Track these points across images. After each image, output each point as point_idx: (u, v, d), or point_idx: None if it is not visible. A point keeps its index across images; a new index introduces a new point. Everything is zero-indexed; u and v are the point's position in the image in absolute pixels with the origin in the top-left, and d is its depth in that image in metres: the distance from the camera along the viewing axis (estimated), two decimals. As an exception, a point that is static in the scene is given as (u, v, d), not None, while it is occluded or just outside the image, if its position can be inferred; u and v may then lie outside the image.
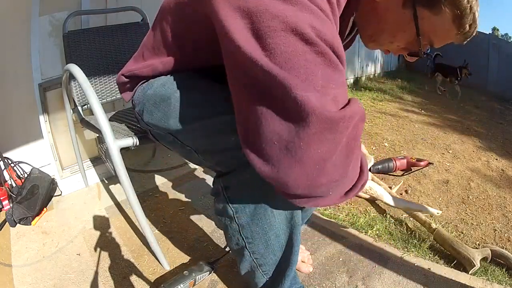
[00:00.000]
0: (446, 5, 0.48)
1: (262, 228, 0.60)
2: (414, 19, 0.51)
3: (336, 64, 0.40)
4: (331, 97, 0.40)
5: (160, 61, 0.64)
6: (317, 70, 0.39)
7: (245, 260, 0.66)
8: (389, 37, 0.57)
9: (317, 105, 0.38)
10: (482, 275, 0.96)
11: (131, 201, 0.90)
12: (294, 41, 0.38)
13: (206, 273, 0.93)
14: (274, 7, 0.38)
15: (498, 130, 2.90)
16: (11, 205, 1.26)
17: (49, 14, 1.34)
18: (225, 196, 0.59)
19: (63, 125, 1.45)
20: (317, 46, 0.38)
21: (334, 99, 0.40)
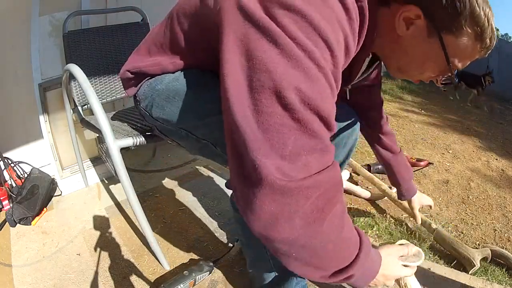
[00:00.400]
0: (467, 25, 0.48)
1: None
2: (442, 47, 0.50)
3: (315, 131, 0.39)
4: (301, 164, 0.39)
5: (171, 61, 0.63)
6: (290, 136, 0.38)
7: (257, 252, 0.67)
8: (418, 69, 0.57)
9: (270, 172, 0.37)
10: (482, 275, 0.96)
11: (131, 201, 0.90)
12: (275, 103, 0.38)
13: (206, 273, 0.93)
14: (269, 57, 0.38)
15: (498, 130, 2.90)
16: (11, 205, 1.26)
17: (49, 14, 1.34)
18: None
19: (63, 125, 1.45)
20: (296, 113, 0.38)
21: (304, 166, 0.39)
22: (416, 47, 0.53)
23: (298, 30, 0.37)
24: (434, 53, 0.52)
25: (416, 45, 0.52)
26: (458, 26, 0.48)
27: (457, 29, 0.49)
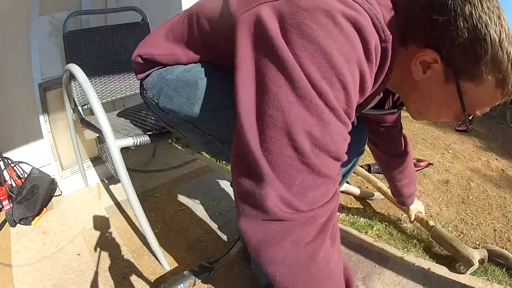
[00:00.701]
0: (488, 73, 0.45)
1: None
2: (459, 95, 0.48)
3: (323, 173, 0.40)
4: (307, 199, 0.40)
5: (185, 53, 0.63)
6: (297, 177, 0.39)
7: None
8: (435, 113, 0.55)
9: (275, 203, 0.39)
10: (482, 275, 0.96)
11: (131, 201, 0.90)
12: (286, 144, 0.38)
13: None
14: (283, 95, 0.38)
15: (498, 130, 2.90)
16: (11, 205, 1.27)
17: (49, 14, 1.34)
18: None
19: (63, 125, 1.45)
20: (305, 157, 0.38)
21: (310, 200, 0.40)
22: (432, 91, 0.51)
23: (315, 67, 0.37)
24: (451, 99, 0.49)
25: (433, 89, 0.50)
26: (478, 73, 0.45)
27: (476, 76, 0.45)
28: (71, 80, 1.19)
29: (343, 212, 1.32)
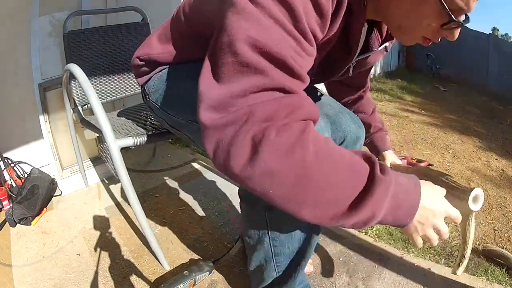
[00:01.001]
0: None
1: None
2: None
3: (264, 70, 0.39)
4: (258, 105, 0.39)
5: (179, 49, 0.65)
6: (240, 79, 0.39)
7: (261, 249, 0.65)
8: (415, 18, 0.51)
9: (208, 116, 0.41)
10: (482, 275, 0.96)
11: (131, 201, 0.90)
12: (228, 53, 0.40)
13: (206, 273, 0.93)
14: (230, 20, 0.40)
15: (498, 130, 2.90)
16: (11, 205, 1.26)
17: (49, 14, 1.34)
18: None
19: (63, 125, 1.45)
20: (244, 57, 0.39)
21: (263, 107, 0.39)
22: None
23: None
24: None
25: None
26: None
27: None
28: (71, 80, 1.19)
29: (343, 212, 1.32)
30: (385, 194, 0.41)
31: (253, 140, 0.38)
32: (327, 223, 0.41)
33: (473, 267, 1.00)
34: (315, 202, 0.40)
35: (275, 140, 0.37)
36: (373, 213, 0.41)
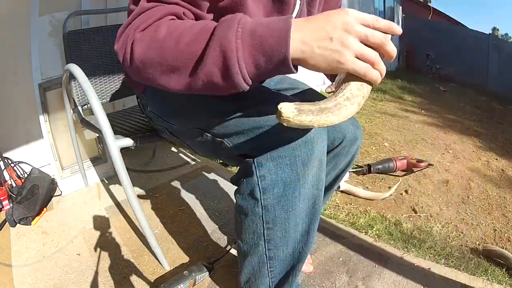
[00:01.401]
0: None
1: (285, 212, 0.58)
2: None
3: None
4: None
5: None
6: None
7: (255, 254, 0.64)
8: None
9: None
10: (482, 275, 0.96)
11: (131, 201, 0.90)
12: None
13: (206, 273, 0.93)
14: None
15: (498, 130, 2.90)
16: (11, 205, 1.26)
17: (49, 14, 1.34)
18: (257, 175, 0.56)
19: (63, 125, 1.45)
20: None
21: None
22: None
23: None
24: None
25: None
26: None
27: None
28: (71, 80, 1.19)
29: (343, 212, 1.32)
30: (228, 29, 0.40)
31: (131, 45, 0.48)
32: (198, 85, 0.44)
33: (473, 267, 1.00)
34: (177, 68, 0.44)
35: (140, 38, 0.47)
36: (223, 53, 0.40)
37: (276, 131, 0.53)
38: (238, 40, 0.39)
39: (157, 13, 0.46)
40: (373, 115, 2.95)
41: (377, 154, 1.99)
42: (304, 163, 0.54)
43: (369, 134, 2.37)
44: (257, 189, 0.57)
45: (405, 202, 1.42)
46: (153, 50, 0.45)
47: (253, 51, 0.40)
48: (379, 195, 1.42)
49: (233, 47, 0.39)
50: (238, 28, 0.40)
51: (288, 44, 0.39)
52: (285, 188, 0.56)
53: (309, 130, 0.53)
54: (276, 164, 0.54)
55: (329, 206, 1.36)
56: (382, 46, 0.42)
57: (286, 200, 0.57)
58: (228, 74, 0.41)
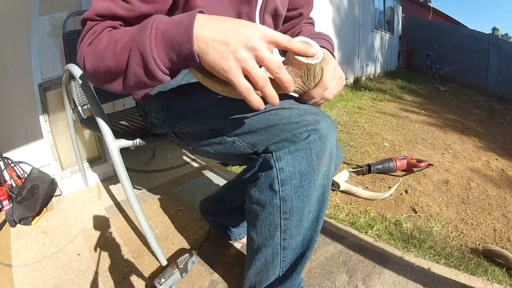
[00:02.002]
0: None
1: (301, 201, 0.61)
2: None
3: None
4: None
5: None
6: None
7: (270, 245, 0.66)
8: None
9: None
10: (482, 275, 0.96)
11: (131, 201, 0.90)
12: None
13: (186, 255, 0.95)
14: None
15: (498, 130, 2.90)
16: (11, 205, 1.27)
17: (49, 14, 1.34)
18: (277, 167, 0.58)
19: (63, 125, 1.45)
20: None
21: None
22: None
23: None
24: None
25: None
26: None
27: None
28: (71, 80, 1.19)
29: (343, 212, 1.32)
30: (143, 33, 0.45)
31: (83, 59, 0.54)
32: (131, 84, 0.50)
33: (473, 267, 1.00)
34: (116, 73, 0.50)
35: (88, 52, 0.53)
36: (139, 49, 0.45)
37: (290, 129, 0.57)
38: (152, 42, 0.44)
39: (99, 29, 0.54)
40: (373, 115, 2.95)
41: (377, 154, 1.99)
42: (318, 155, 0.57)
43: (369, 134, 2.37)
44: (276, 181, 0.59)
45: (405, 202, 1.42)
46: (98, 61, 0.51)
47: (166, 48, 0.44)
48: (379, 195, 1.42)
49: (148, 49, 0.44)
50: (151, 30, 0.45)
51: (192, 40, 0.42)
52: (301, 179, 0.59)
53: (319, 123, 0.56)
54: (293, 157, 0.57)
55: (329, 206, 1.36)
56: (274, 73, 0.43)
57: (302, 190, 0.60)
58: (150, 72, 0.46)
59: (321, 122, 0.57)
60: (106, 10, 0.54)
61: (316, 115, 0.58)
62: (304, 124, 0.56)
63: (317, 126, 0.57)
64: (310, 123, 0.57)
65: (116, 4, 0.54)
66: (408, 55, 8.25)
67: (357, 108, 3.22)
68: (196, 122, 0.67)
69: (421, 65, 7.79)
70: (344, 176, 1.55)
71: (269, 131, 0.59)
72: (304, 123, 0.57)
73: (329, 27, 4.17)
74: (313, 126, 0.57)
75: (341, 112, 3.02)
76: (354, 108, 3.21)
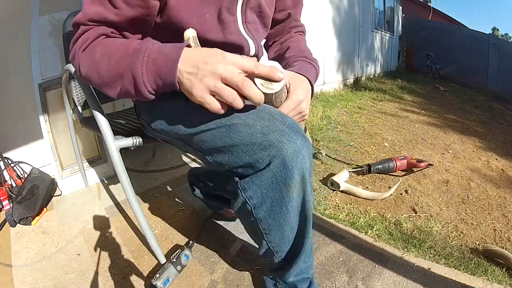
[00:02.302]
0: None
1: (278, 223, 0.62)
2: None
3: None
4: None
5: None
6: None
7: (263, 247, 0.69)
8: None
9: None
10: (482, 275, 0.96)
11: (130, 201, 0.90)
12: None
13: (178, 251, 0.95)
14: None
15: (498, 130, 2.90)
16: (11, 205, 1.27)
17: (49, 14, 1.34)
18: (244, 196, 0.60)
19: (63, 125, 1.45)
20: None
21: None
22: None
23: None
24: None
25: None
26: None
27: None
28: (70, 80, 1.19)
29: (343, 212, 1.32)
30: (136, 59, 0.53)
31: (78, 64, 0.60)
32: (123, 94, 0.57)
33: (473, 267, 1.00)
34: (109, 82, 0.57)
35: (83, 59, 0.59)
36: (132, 72, 0.53)
37: (251, 151, 0.55)
38: (143, 68, 0.53)
39: (92, 35, 0.58)
40: (373, 115, 2.95)
41: (377, 154, 1.99)
42: (285, 183, 0.56)
43: (369, 134, 2.37)
44: (248, 206, 0.61)
45: (405, 202, 1.42)
46: (93, 70, 0.58)
47: (154, 75, 0.53)
48: (379, 195, 1.42)
49: (140, 74, 0.53)
50: (144, 58, 0.53)
51: (175, 74, 0.51)
52: (272, 204, 0.59)
53: (283, 146, 0.54)
54: (259, 186, 0.57)
55: (329, 206, 1.36)
56: (239, 90, 0.50)
57: (276, 214, 0.61)
58: (139, 91, 0.55)
59: (286, 144, 0.53)
60: (97, 15, 0.58)
61: (281, 134, 0.54)
62: (266, 146, 0.54)
63: (280, 151, 0.53)
64: (273, 145, 0.53)
65: (106, 9, 0.57)
66: (408, 55, 8.25)
67: (357, 108, 3.22)
68: (169, 127, 0.68)
69: (421, 65, 7.79)
70: (344, 176, 1.55)
71: (232, 151, 0.58)
72: (266, 145, 0.54)
73: (329, 27, 4.17)
74: (276, 150, 0.53)
75: (341, 112, 3.02)
76: (354, 108, 3.21)
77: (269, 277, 0.83)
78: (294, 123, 0.58)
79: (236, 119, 0.57)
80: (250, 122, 0.56)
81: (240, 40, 0.70)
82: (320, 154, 1.83)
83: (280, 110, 0.61)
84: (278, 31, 0.87)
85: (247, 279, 0.95)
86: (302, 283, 0.78)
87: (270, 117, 0.57)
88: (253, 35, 0.73)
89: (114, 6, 0.57)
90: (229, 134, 0.57)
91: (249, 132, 0.55)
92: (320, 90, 3.86)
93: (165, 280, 0.87)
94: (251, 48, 0.74)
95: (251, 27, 0.72)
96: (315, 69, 0.77)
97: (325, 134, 2.30)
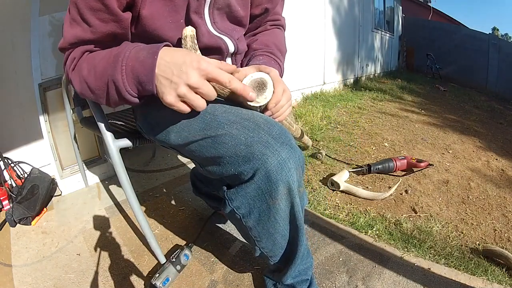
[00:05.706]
0: None
1: (268, 231, 0.62)
2: None
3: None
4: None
5: None
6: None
7: (257, 251, 0.69)
8: None
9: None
10: (482, 275, 0.96)
11: (131, 201, 0.90)
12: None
13: (178, 251, 0.95)
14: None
15: (498, 130, 2.90)
16: (11, 205, 1.26)
17: (49, 14, 1.34)
18: (232, 206, 0.61)
19: (63, 125, 1.45)
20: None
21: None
22: None
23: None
24: None
25: None
26: None
27: None
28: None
29: (343, 212, 1.32)
30: (115, 69, 0.56)
31: (71, 82, 0.64)
32: (112, 103, 0.61)
33: (473, 267, 1.00)
34: (99, 94, 0.61)
35: (73, 76, 0.63)
36: (114, 82, 0.56)
37: (236, 163, 0.55)
38: (123, 77, 0.56)
39: (77, 54, 0.62)
40: (373, 115, 2.95)
41: (377, 154, 1.99)
42: (271, 195, 0.56)
43: (369, 134, 2.37)
44: (237, 215, 0.62)
45: (405, 202, 1.42)
46: (84, 86, 0.62)
47: (134, 82, 0.56)
48: (379, 195, 1.42)
49: (121, 82, 0.56)
50: (122, 66, 0.55)
51: (153, 80, 0.53)
52: (260, 214, 0.59)
53: (266, 158, 0.53)
54: (245, 198, 0.58)
55: (329, 206, 1.36)
56: (209, 99, 0.54)
57: (265, 223, 0.61)
58: (123, 97, 0.58)
59: (269, 157, 0.53)
60: (75, 38, 0.61)
61: (265, 146, 0.53)
62: (250, 158, 0.53)
63: (264, 164, 0.53)
64: (256, 158, 0.53)
65: (82, 29, 0.60)
66: (408, 55, 8.25)
67: (357, 108, 3.22)
68: (160, 133, 0.69)
69: (421, 65, 7.79)
70: (344, 176, 1.55)
71: (218, 162, 0.58)
72: (250, 157, 0.53)
73: (329, 27, 4.17)
74: (259, 162, 0.53)
75: (341, 112, 3.01)
76: (354, 108, 3.21)
77: (269, 277, 0.83)
78: (282, 132, 0.56)
79: (221, 130, 0.57)
80: (235, 132, 0.55)
81: (214, 41, 0.69)
82: (320, 154, 1.83)
83: (267, 117, 0.60)
84: (255, 25, 0.85)
85: (247, 279, 0.95)
86: (302, 284, 0.78)
87: (256, 127, 0.55)
88: (228, 33, 0.72)
89: (89, 24, 0.59)
90: (214, 146, 0.57)
91: (233, 144, 0.55)
92: (320, 90, 3.86)
93: (165, 279, 0.87)
94: (229, 46, 0.73)
95: (221, 26, 0.71)
96: (279, 66, 0.77)
97: (325, 134, 2.30)
